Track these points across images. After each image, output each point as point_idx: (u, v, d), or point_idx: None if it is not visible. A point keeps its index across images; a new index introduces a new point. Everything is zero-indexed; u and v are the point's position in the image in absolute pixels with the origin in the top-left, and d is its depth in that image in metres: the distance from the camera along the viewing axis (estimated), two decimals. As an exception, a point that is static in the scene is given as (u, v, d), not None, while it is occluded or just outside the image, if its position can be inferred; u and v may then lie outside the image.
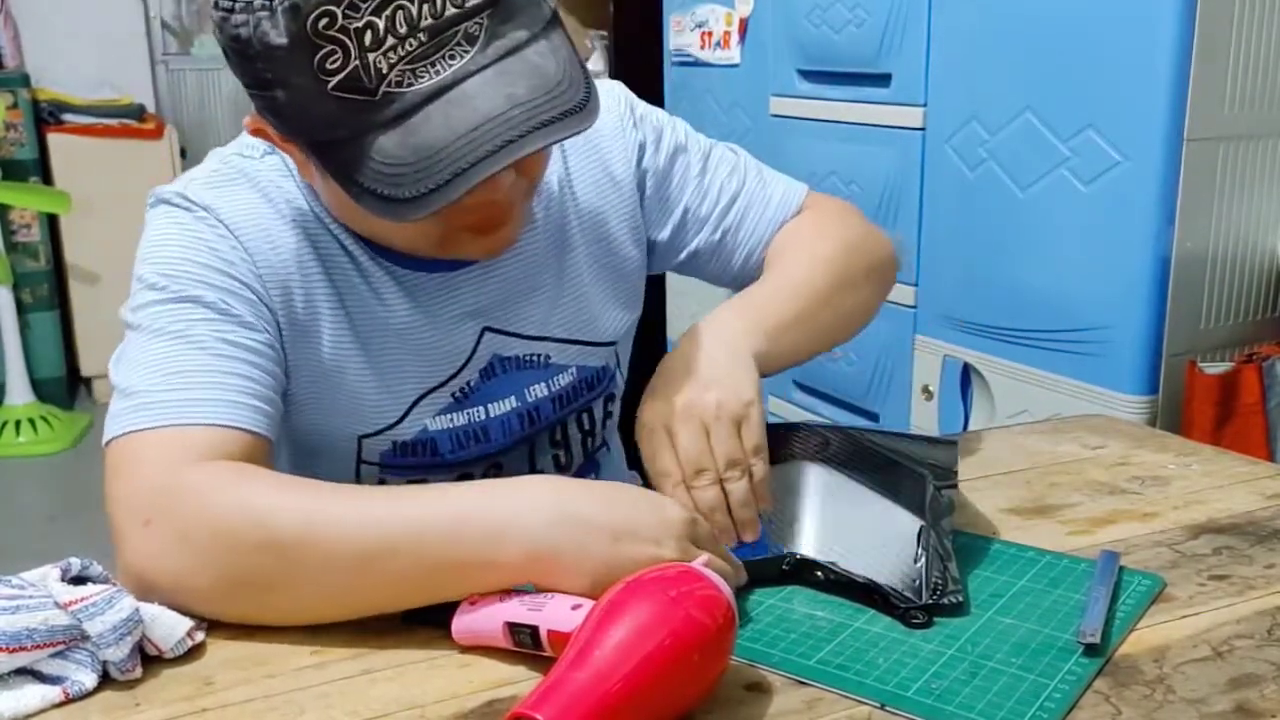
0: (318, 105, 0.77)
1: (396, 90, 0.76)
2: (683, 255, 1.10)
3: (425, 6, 0.75)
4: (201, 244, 0.88)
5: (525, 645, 0.72)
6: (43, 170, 3.87)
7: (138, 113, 4.09)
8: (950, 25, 1.87)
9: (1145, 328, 1.63)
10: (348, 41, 0.74)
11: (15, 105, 3.74)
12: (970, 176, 1.81)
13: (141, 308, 0.87)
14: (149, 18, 4.38)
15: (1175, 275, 1.62)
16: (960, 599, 0.80)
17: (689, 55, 2.50)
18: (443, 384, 0.98)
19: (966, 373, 1.92)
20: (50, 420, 3.72)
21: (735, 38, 2.36)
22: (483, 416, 1.00)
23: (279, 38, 0.75)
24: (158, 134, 4.02)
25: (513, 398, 1.01)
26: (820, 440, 0.93)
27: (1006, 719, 0.67)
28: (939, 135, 1.89)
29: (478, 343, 0.99)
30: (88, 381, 4.12)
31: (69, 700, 0.70)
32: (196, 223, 0.89)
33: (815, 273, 1.01)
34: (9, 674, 0.70)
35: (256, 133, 0.87)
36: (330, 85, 0.75)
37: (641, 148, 1.06)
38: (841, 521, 0.88)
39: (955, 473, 0.88)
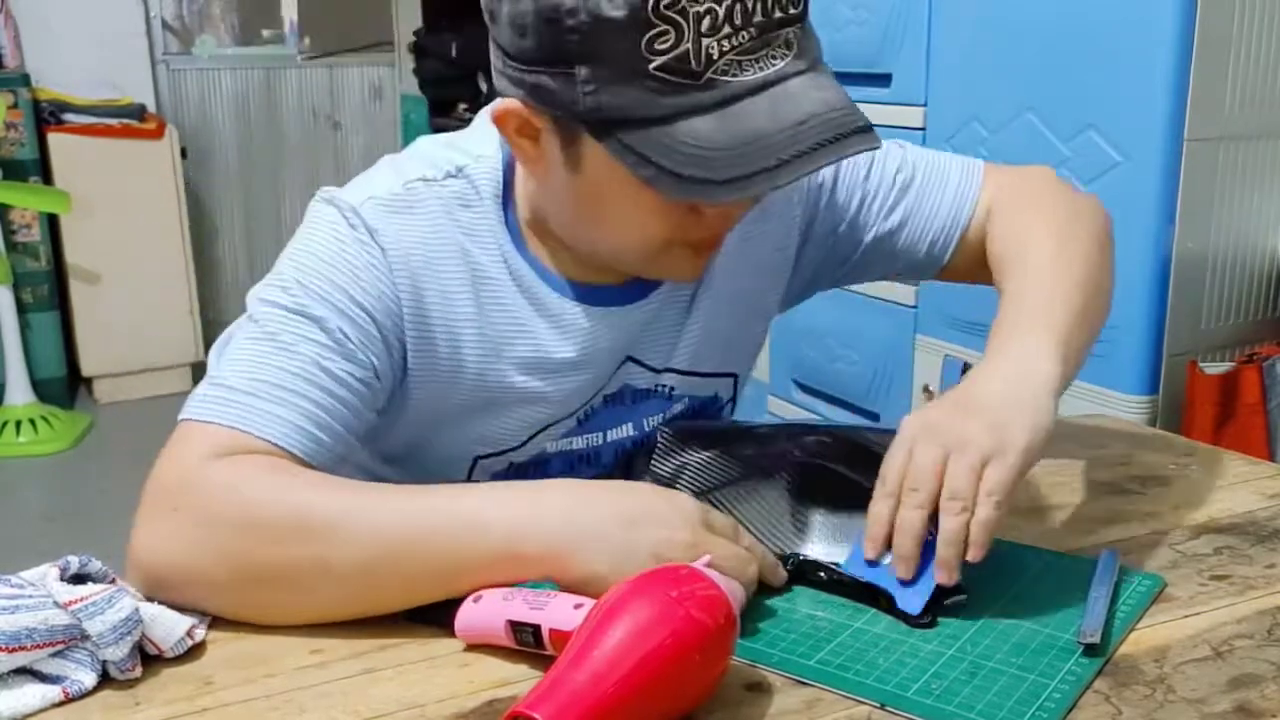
0: (631, 83, 0.76)
1: (722, 78, 0.77)
2: (858, 253, 1.06)
3: (759, 4, 0.76)
4: (348, 266, 0.87)
5: (527, 644, 0.72)
6: (43, 170, 3.86)
7: (138, 113, 4.08)
8: (950, 25, 1.87)
9: (1146, 328, 1.63)
10: (684, 24, 0.75)
11: (15, 105, 3.73)
12: (970, 176, 1.81)
13: (266, 302, 0.87)
14: (149, 18, 4.37)
15: (1175, 275, 1.62)
16: (963, 599, 0.80)
17: (689, 55, 2.49)
18: (573, 413, 0.98)
19: (967, 373, 1.92)
20: (50, 420, 3.72)
21: (735, 38, 2.35)
22: (599, 441, 1.01)
23: (614, 10, 0.74)
24: (158, 134, 4.01)
25: (630, 425, 1.02)
26: (820, 440, 0.93)
27: (1006, 719, 0.67)
28: (939, 135, 1.89)
29: (615, 371, 0.99)
30: (88, 381, 4.12)
31: (69, 700, 0.70)
32: (355, 243, 0.88)
33: (1062, 266, 0.94)
34: (9, 673, 0.70)
35: (500, 118, 0.85)
36: (654, 64, 0.75)
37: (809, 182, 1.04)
38: (843, 522, 0.88)
39: None
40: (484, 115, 0.93)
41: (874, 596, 0.80)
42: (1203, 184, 1.60)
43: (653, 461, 0.95)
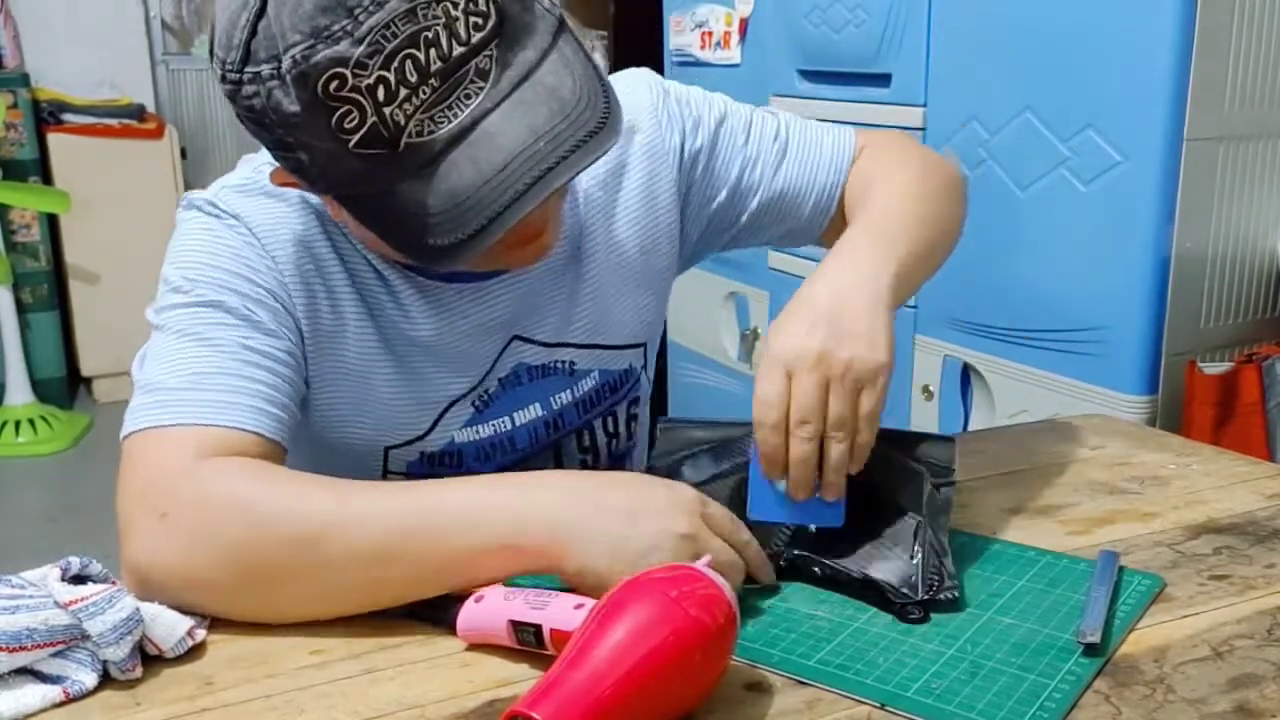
0: (342, 163, 0.76)
1: (418, 140, 0.75)
2: (743, 219, 1.08)
3: (433, 51, 0.74)
4: (228, 250, 0.89)
5: (528, 644, 0.72)
6: (43, 170, 3.87)
7: (138, 113, 4.09)
8: (950, 25, 1.87)
9: (1145, 328, 1.63)
10: (361, 100, 0.73)
11: (15, 105, 3.74)
12: (970, 176, 1.81)
13: (166, 309, 0.88)
14: (149, 18, 4.38)
15: (1175, 275, 1.62)
16: (956, 595, 0.80)
17: (689, 55, 2.50)
18: (466, 394, 0.98)
19: (966, 373, 1.92)
20: (50, 420, 3.72)
21: (735, 38, 2.36)
22: (508, 426, 1.01)
23: (292, 105, 0.74)
24: (158, 134, 4.02)
25: (537, 405, 1.02)
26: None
27: (1007, 719, 0.67)
28: (939, 135, 1.89)
29: (502, 351, 0.99)
30: (88, 381, 4.12)
31: (69, 700, 0.70)
32: (225, 230, 0.90)
33: (910, 199, 0.99)
34: (9, 674, 0.70)
35: (284, 185, 0.87)
36: (351, 143, 0.75)
37: (681, 137, 1.05)
38: None
39: (953, 470, 0.88)
40: None
41: (867, 592, 0.81)
42: (1203, 184, 1.60)
43: (651, 455, 0.95)
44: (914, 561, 0.82)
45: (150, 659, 0.74)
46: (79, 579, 0.75)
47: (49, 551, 0.76)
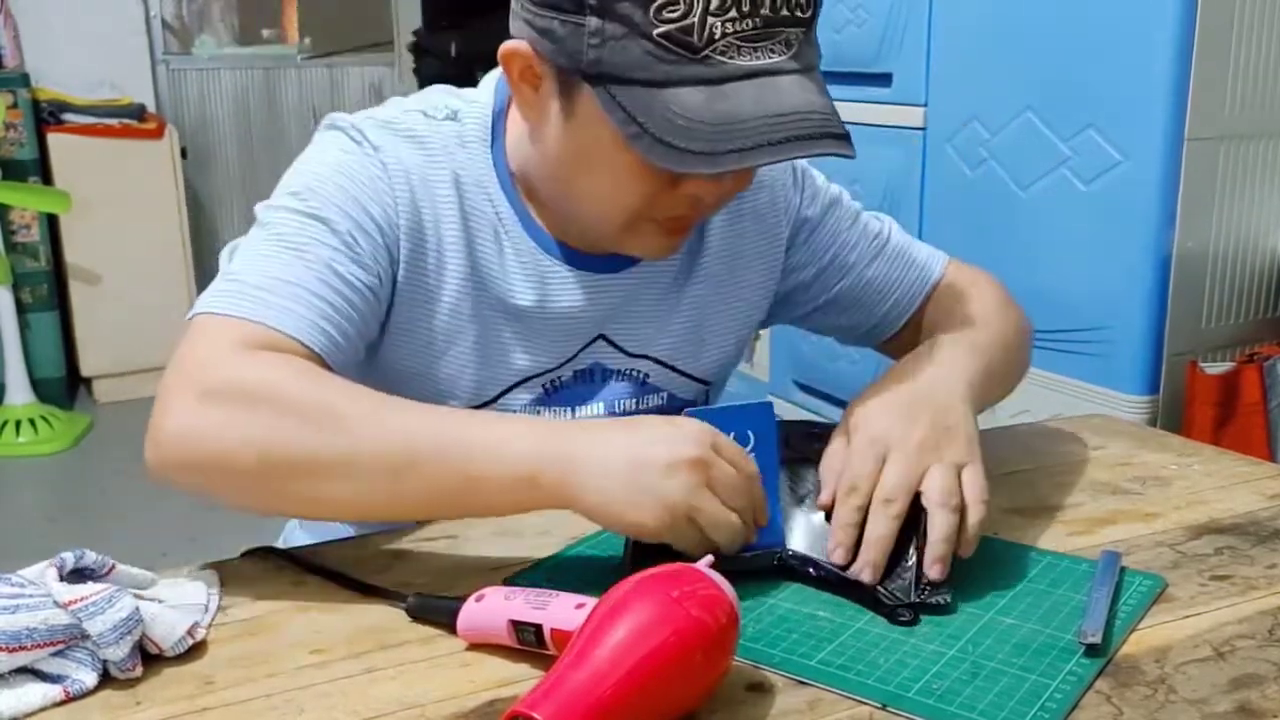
0: (634, 43, 0.79)
1: (718, 57, 0.79)
2: (823, 299, 1.12)
3: None
4: (356, 174, 0.91)
5: (529, 643, 0.72)
6: (43, 170, 3.86)
7: (138, 113, 4.08)
8: (950, 25, 1.87)
9: (1146, 328, 1.64)
10: None
11: (15, 105, 3.73)
12: (970, 176, 1.81)
13: (276, 208, 0.90)
14: (149, 17, 4.37)
15: (1175, 275, 1.62)
16: (947, 599, 0.79)
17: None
18: (539, 375, 1.00)
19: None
20: (50, 420, 3.72)
21: (736, 38, 2.35)
22: (567, 416, 1.02)
23: None
24: (158, 134, 4.01)
25: (601, 404, 1.03)
26: (816, 439, 0.93)
27: (1008, 719, 0.67)
28: (940, 135, 1.89)
29: (586, 345, 1.01)
30: (88, 381, 4.12)
31: (69, 699, 0.70)
32: (363, 156, 0.92)
33: (990, 328, 1.02)
34: (9, 673, 0.70)
35: (506, 58, 0.88)
36: (658, 31, 0.78)
37: (800, 199, 1.09)
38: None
39: None
40: (491, 76, 0.98)
41: (859, 593, 0.81)
42: (1203, 184, 1.60)
43: None
44: (909, 564, 0.81)
45: (150, 658, 0.74)
46: (76, 574, 0.75)
47: (49, 552, 0.76)
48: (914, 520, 0.84)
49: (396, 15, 4.72)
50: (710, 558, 0.74)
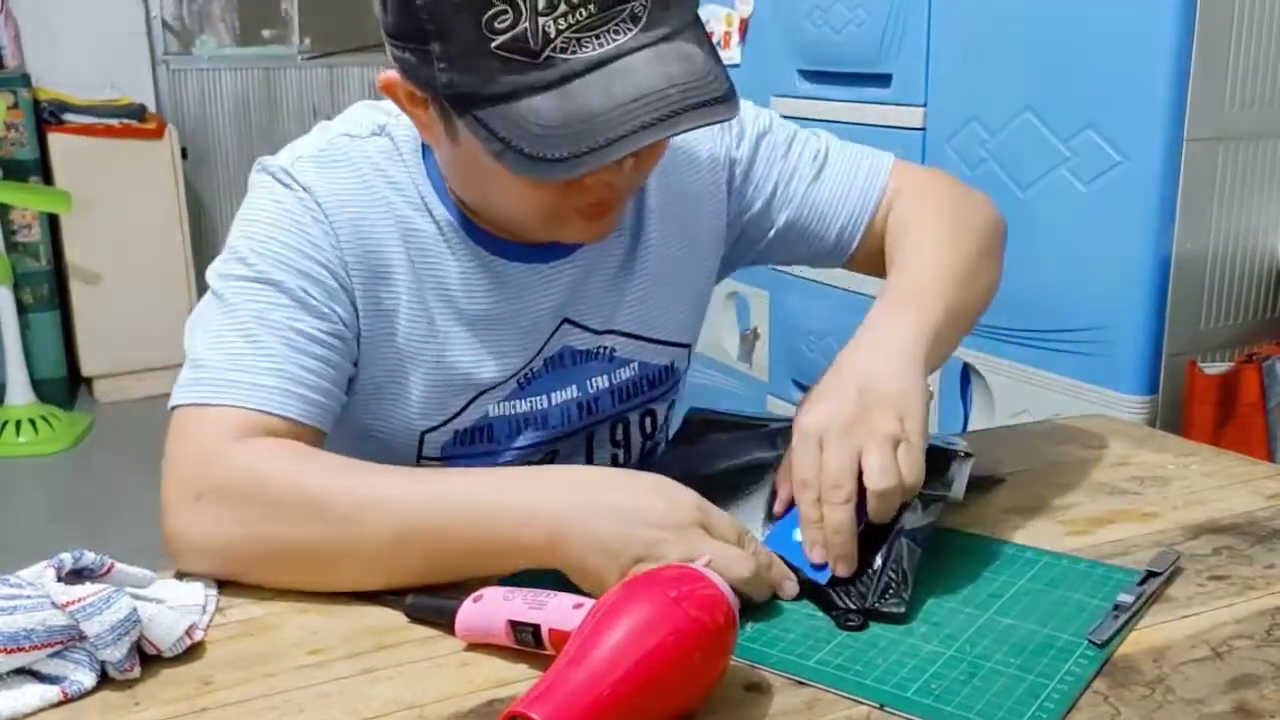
0: (476, 62, 0.78)
1: (560, 56, 0.78)
2: (772, 233, 1.10)
3: None
4: (294, 224, 0.91)
5: (527, 644, 0.72)
6: (43, 170, 3.86)
7: (138, 113, 4.08)
8: (950, 25, 1.87)
9: (1145, 328, 1.63)
10: (520, 3, 0.76)
11: (15, 105, 3.74)
12: (970, 176, 1.81)
13: (227, 277, 0.91)
14: (149, 18, 4.37)
15: (1175, 275, 1.62)
16: (902, 609, 0.78)
17: (689, 55, 2.49)
18: (513, 375, 1.00)
19: (966, 373, 1.92)
20: (50, 420, 3.72)
21: (736, 38, 2.36)
22: (544, 404, 1.02)
23: None
24: (158, 134, 4.02)
25: (574, 387, 1.03)
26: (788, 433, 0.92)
27: (1006, 719, 0.67)
28: (939, 135, 1.89)
29: (552, 333, 1.01)
30: (88, 381, 4.12)
31: (68, 700, 0.70)
32: (294, 202, 0.92)
33: (945, 254, 1.00)
34: (7, 674, 0.70)
35: (387, 88, 0.88)
36: (495, 44, 0.77)
37: (730, 140, 1.08)
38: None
39: (950, 485, 0.89)
40: None
41: (816, 593, 0.80)
42: (1202, 184, 1.60)
43: (675, 444, 0.98)
44: (873, 570, 0.81)
45: (149, 659, 0.74)
46: (75, 574, 0.75)
47: (49, 552, 0.76)
48: (896, 529, 0.83)
49: (396, 15, 4.71)
50: (708, 557, 0.74)
